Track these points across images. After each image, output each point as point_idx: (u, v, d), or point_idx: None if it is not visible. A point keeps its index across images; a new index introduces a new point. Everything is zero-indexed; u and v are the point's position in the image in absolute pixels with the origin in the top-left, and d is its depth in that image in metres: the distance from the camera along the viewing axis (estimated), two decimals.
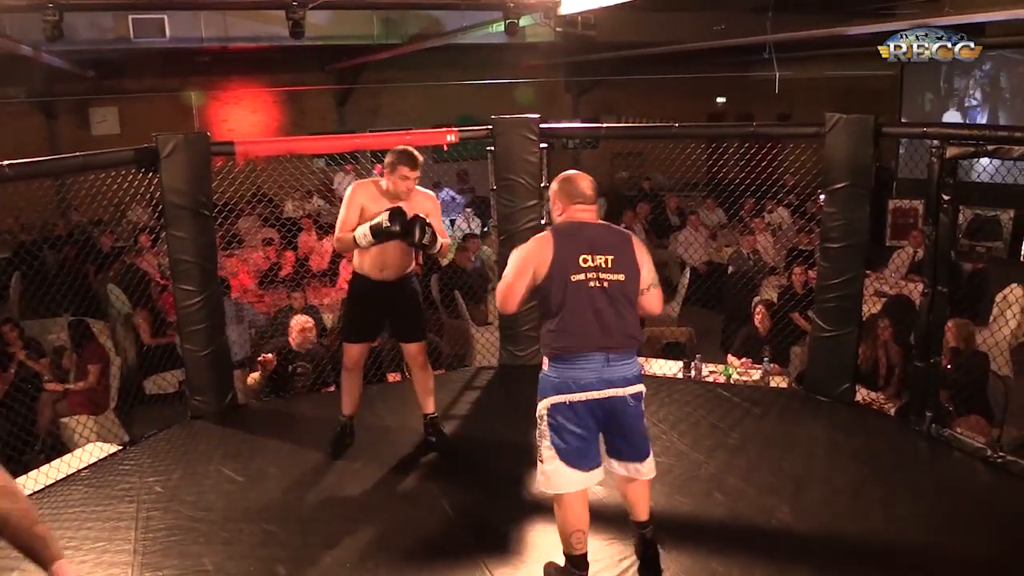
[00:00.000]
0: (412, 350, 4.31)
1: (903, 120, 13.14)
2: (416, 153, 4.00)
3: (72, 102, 13.13)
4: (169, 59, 11.54)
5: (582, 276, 2.89)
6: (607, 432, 3.00)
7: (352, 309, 4.34)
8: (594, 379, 2.88)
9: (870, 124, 4.54)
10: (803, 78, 13.11)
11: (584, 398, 2.88)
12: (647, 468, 3.05)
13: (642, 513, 3.12)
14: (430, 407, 4.40)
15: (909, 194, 12.00)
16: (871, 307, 5.86)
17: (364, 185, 4.10)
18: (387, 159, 3.98)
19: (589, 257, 2.91)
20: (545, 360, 2.99)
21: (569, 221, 3.05)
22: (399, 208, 3.87)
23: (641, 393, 3.00)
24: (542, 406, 2.95)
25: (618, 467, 3.06)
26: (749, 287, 7.41)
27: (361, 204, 4.01)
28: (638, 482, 3.08)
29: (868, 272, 6.05)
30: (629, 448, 3.02)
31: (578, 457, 2.91)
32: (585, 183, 3.08)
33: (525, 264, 2.97)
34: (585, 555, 2.99)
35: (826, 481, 3.91)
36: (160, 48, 9.91)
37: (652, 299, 3.05)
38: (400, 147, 4.03)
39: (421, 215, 3.90)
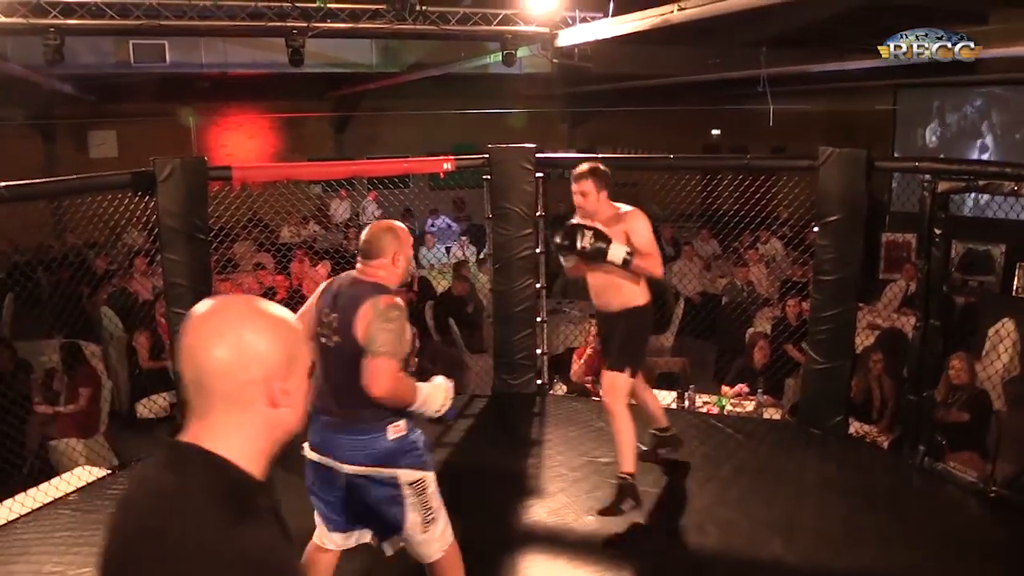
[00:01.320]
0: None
1: (896, 155, 13.25)
2: (582, 166, 3.89)
3: (71, 125, 13.20)
4: (169, 84, 11.61)
5: (319, 331, 2.77)
6: (349, 500, 2.82)
7: None
8: (317, 440, 2.76)
9: (863, 158, 4.58)
10: (798, 111, 13.25)
11: (310, 456, 2.79)
12: (387, 546, 2.93)
13: None
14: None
15: (902, 228, 12.07)
16: (864, 340, 5.88)
17: None
18: None
19: (328, 312, 2.76)
20: None
21: (345, 273, 2.91)
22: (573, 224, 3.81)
23: (383, 477, 2.71)
24: None
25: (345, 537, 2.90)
26: (743, 318, 7.43)
27: None
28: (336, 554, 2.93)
29: (861, 305, 6.10)
30: (367, 519, 2.86)
31: (320, 513, 2.88)
32: (370, 236, 2.81)
33: (302, 311, 2.86)
34: None
35: (818, 514, 3.90)
36: (160, 73, 9.98)
37: (370, 372, 2.58)
38: None
39: (588, 224, 3.76)
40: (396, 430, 2.72)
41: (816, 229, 4.86)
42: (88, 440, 5.81)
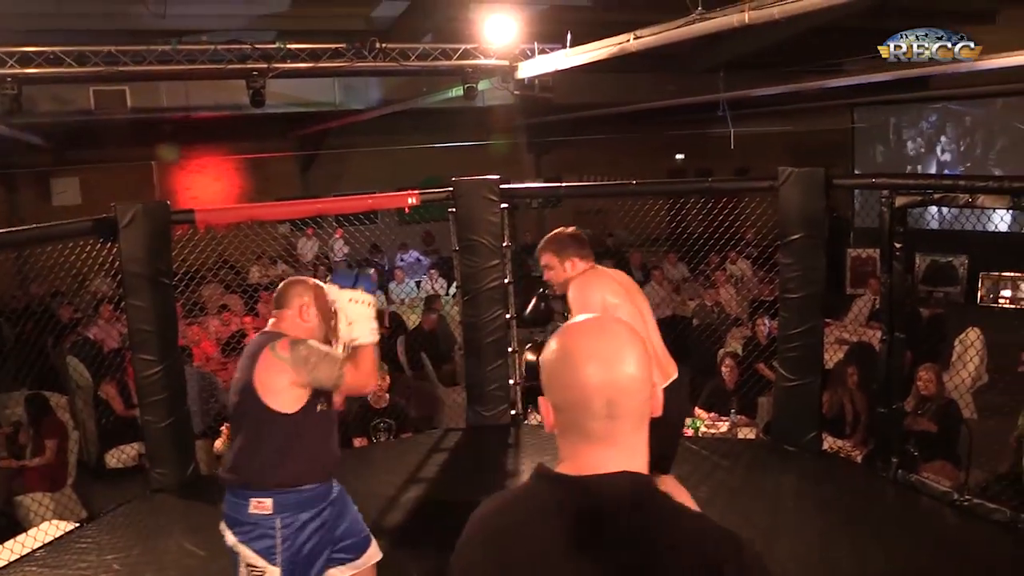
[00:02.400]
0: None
1: (856, 171, 13.50)
2: (542, 241, 3.44)
3: (33, 174, 13.06)
4: (131, 129, 11.55)
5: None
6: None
7: None
8: None
9: (820, 176, 4.66)
10: (758, 133, 13.47)
11: None
12: None
13: None
14: None
15: (866, 243, 12.26)
16: (833, 355, 5.93)
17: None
18: None
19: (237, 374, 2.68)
20: None
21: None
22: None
23: (229, 544, 2.62)
24: None
25: None
26: (714, 339, 7.47)
27: None
28: None
29: (829, 320, 6.16)
30: None
31: None
32: (279, 287, 2.77)
33: None
34: None
35: (795, 531, 3.91)
36: (122, 119, 9.93)
37: (351, 390, 2.73)
38: None
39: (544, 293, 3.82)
40: (258, 506, 2.57)
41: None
42: (55, 493, 5.68)
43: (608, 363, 1.19)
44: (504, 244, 5.49)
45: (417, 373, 7.66)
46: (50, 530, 4.36)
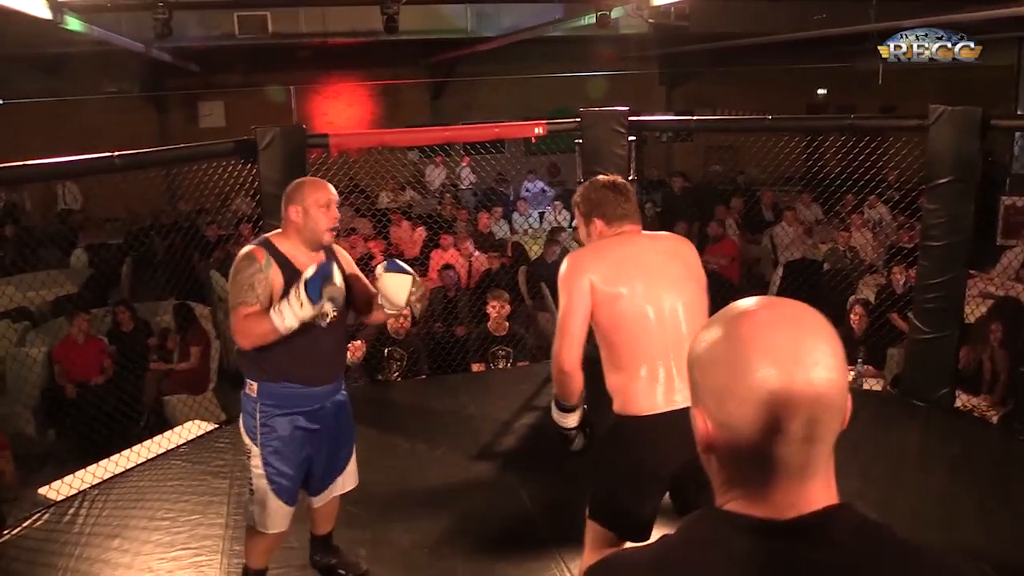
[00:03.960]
0: None
1: (1020, 112, 12.43)
2: (578, 190, 2.72)
3: (181, 97, 13.77)
4: (271, 54, 11.95)
5: None
6: None
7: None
8: None
9: (977, 116, 4.31)
10: (909, 68, 12.54)
11: None
12: None
13: None
14: None
15: None
16: (975, 309, 5.58)
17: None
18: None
19: None
20: None
21: None
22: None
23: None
24: None
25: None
26: (845, 285, 7.17)
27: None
28: None
29: (973, 272, 5.78)
30: None
31: None
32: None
33: None
34: None
35: (917, 488, 3.77)
36: (262, 43, 10.28)
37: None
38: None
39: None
40: (249, 388, 2.81)
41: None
42: (198, 396, 6.15)
43: (805, 367, 0.89)
44: (631, 178, 5.40)
45: (537, 303, 7.73)
46: (193, 428, 4.74)
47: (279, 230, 2.84)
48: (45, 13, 6.02)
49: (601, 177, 2.60)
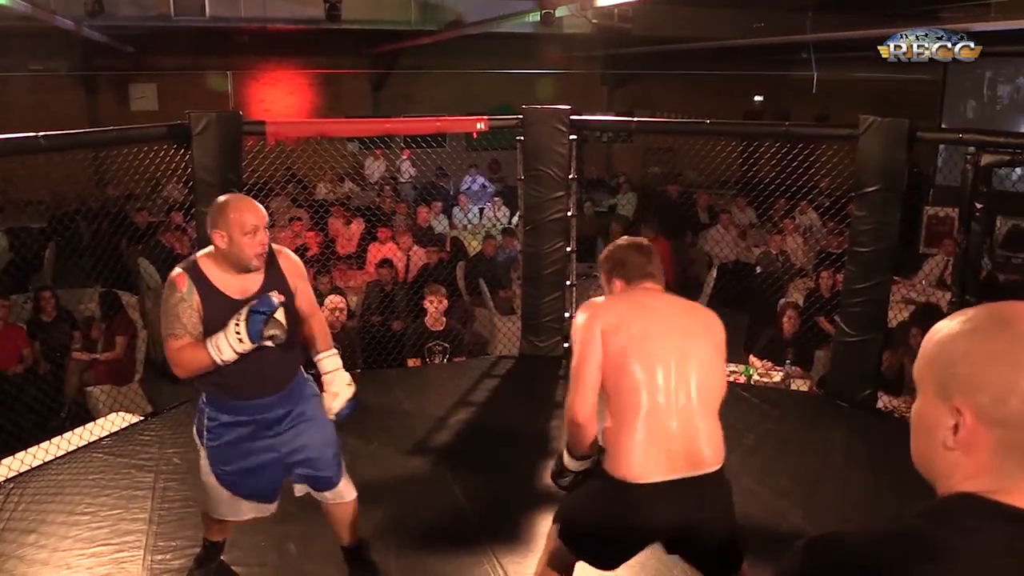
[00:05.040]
0: None
1: (943, 126, 12.89)
2: (604, 252, 2.68)
3: (112, 78, 13.31)
4: (208, 38, 11.65)
5: None
6: None
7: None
8: None
9: (904, 128, 4.47)
10: (842, 79, 12.92)
11: None
12: None
13: None
14: None
15: (946, 202, 11.79)
16: (897, 313, 5.78)
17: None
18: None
19: None
20: None
21: None
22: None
23: None
24: None
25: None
26: (776, 288, 7.34)
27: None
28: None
29: (897, 278, 5.98)
30: None
31: None
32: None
33: None
34: None
35: (841, 486, 3.89)
36: (200, 27, 10.01)
37: None
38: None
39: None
40: (203, 395, 2.82)
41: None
42: (123, 387, 5.96)
43: None
44: (570, 176, 5.44)
45: (474, 299, 7.73)
46: (116, 421, 4.59)
47: (212, 248, 2.67)
48: None
49: (625, 238, 2.61)
